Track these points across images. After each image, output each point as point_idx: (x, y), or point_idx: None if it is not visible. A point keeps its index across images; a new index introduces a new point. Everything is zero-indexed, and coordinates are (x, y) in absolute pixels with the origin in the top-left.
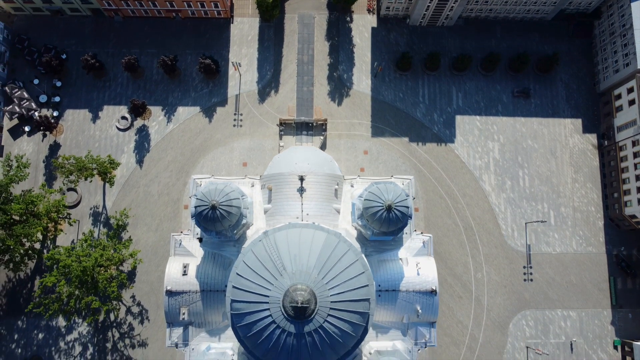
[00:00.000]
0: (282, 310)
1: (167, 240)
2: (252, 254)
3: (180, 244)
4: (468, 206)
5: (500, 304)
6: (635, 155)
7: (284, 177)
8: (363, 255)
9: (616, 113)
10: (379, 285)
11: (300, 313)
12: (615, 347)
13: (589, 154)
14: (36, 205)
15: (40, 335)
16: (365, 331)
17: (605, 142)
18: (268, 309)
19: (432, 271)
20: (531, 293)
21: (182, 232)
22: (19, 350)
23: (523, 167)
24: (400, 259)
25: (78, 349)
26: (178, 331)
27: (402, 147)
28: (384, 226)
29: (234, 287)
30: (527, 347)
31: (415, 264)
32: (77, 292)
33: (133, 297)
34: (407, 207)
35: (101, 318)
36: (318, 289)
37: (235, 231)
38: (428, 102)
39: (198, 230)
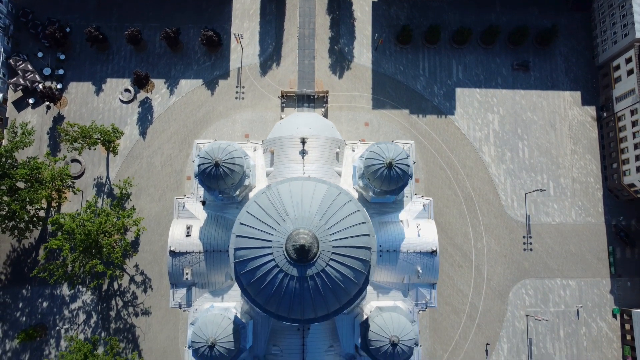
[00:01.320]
0: (285, 253)
1: (170, 210)
2: (255, 204)
3: (184, 207)
4: (468, 177)
5: (500, 273)
6: (633, 124)
7: (286, 141)
8: (364, 209)
9: (615, 84)
10: (380, 246)
11: (302, 256)
12: (614, 316)
13: (588, 126)
14: (41, 171)
15: (45, 304)
16: (367, 281)
17: (604, 114)
18: (271, 254)
19: (432, 233)
20: (531, 262)
21: (185, 196)
22: (24, 319)
23: (522, 139)
24: (401, 221)
25: (82, 317)
26: (181, 292)
27: (402, 119)
28: (385, 184)
29: (237, 236)
30: (526, 316)
31: (416, 226)
32: (81, 257)
33: (136, 266)
34: (408, 166)
35: (105, 286)
36: (320, 234)
37: (237, 191)
38: (428, 75)
39: (201, 193)
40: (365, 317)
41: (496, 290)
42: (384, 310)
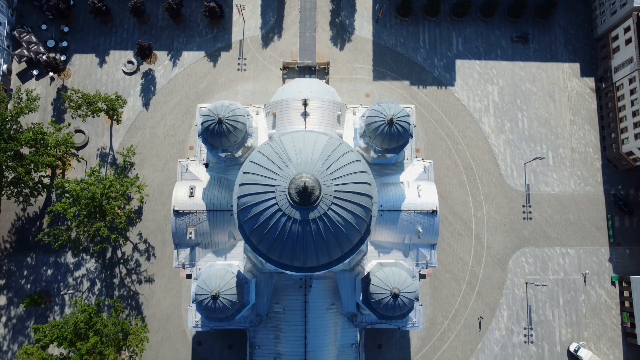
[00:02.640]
0: (288, 197)
1: (173, 180)
2: (258, 153)
3: (187, 169)
4: (468, 147)
5: (499, 242)
6: (632, 92)
7: (288, 103)
8: (364, 161)
9: (613, 55)
10: (381, 205)
11: (305, 199)
12: (613, 283)
13: (586, 97)
14: (46, 137)
15: (49, 272)
16: (368, 231)
17: (603, 84)
18: (274, 198)
19: (432, 194)
20: (530, 231)
21: (188, 159)
22: (28, 286)
23: (522, 110)
24: (402, 182)
25: (86, 284)
26: (185, 252)
27: (403, 90)
28: (386, 142)
29: (240, 185)
30: (526, 283)
31: (417, 187)
32: (85, 221)
33: (140, 234)
34: (408, 124)
35: (109, 254)
36: (322, 178)
37: (240, 151)
38: (428, 47)
39: (204, 156)
40: (366, 273)
41: (496, 258)
42: (385, 265)
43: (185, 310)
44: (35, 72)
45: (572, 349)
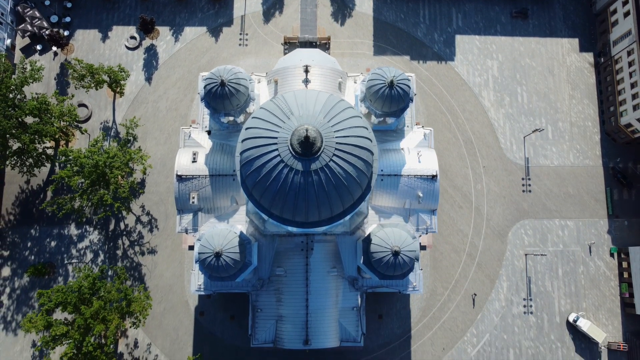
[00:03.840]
0: (290, 148)
1: (175, 153)
2: (261, 109)
3: (190, 136)
4: (468, 121)
5: (499, 214)
6: (630, 64)
7: (289, 71)
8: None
9: (612, 28)
10: (382, 170)
11: (307, 149)
12: (612, 255)
13: (585, 72)
14: (50, 108)
15: (53, 243)
16: (369, 187)
17: (602, 59)
18: (276, 149)
19: (432, 159)
20: (529, 203)
21: (191, 126)
22: (32, 257)
23: (521, 84)
24: (402, 148)
25: (89, 255)
26: (188, 217)
27: (403, 65)
28: (387, 104)
29: (243, 140)
30: (525, 255)
31: (417, 153)
32: (89, 190)
33: (142, 207)
34: (409, 87)
35: (112, 226)
36: (324, 130)
37: (242, 116)
38: (429, 23)
39: (207, 123)
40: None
41: (496, 230)
42: (386, 226)
43: (187, 281)
44: (38, 47)
45: (571, 320)
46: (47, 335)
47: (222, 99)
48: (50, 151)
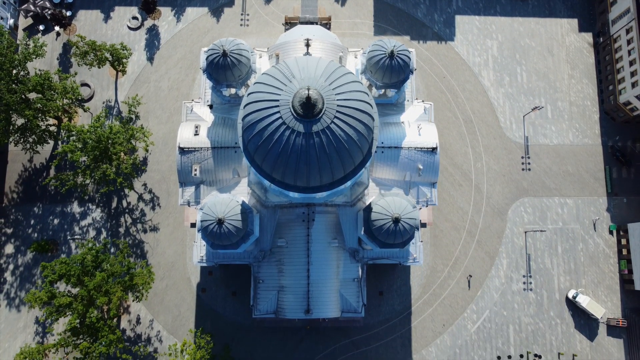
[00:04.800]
0: (292, 110)
1: (177, 132)
2: (263, 74)
3: (192, 110)
4: (468, 100)
5: (499, 192)
6: (628, 42)
7: (290, 45)
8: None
9: (610, 8)
10: (382, 143)
11: (308, 110)
12: (611, 232)
13: (585, 52)
14: (53, 84)
15: (56, 221)
16: (370, 153)
17: (601, 39)
18: (278, 112)
19: (433, 133)
20: (529, 182)
21: (193, 100)
22: (35, 235)
23: (521, 64)
24: (402, 122)
25: (92, 233)
26: (190, 190)
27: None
28: (387, 75)
29: (245, 105)
30: (525, 232)
31: (417, 126)
32: (92, 165)
33: (145, 185)
34: (409, 57)
35: (114, 204)
36: (325, 92)
37: (243, 88)
38: (429, 3)
39: (208, 97)
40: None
41: (495, 208)
42: (387, 195)
43: (189, 258)
44: (41, 28)
45: (570, 296)
46: (51, 307)
47: (224, 69)
48: (53, 129)
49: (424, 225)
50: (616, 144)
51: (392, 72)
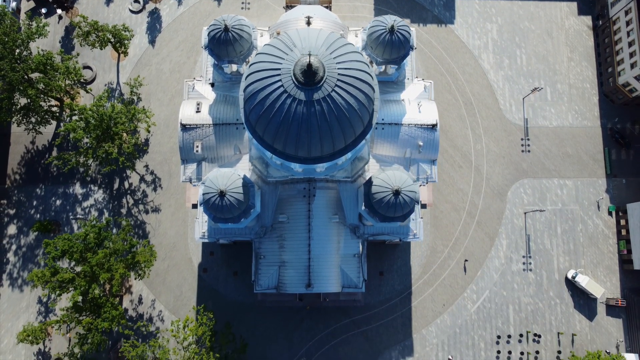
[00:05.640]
0: (293, 77)
1: (178, 114)
2: (265, 45)
3: (194, 88)
4: (467, 83)
5: (499, 173)
6: (627, 23)
7: (291, 23)
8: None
9: None
10: (382, 119)
11: (309, 78)
12: (610, 213)
13: (584, 35)
14: (55, 65)
15: (58, 202)
16: (370, 125)
17: (600, 21)
18: (279, 80)
19: (432, 110)
20: (529, 163)
21: (194, 79)
22: (37, 216)
23: (520, 47)
24: (403, 99)
25: (94, 214)
26: (192, 167)
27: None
28: (387, 51)
29: (247, 76)
30: (525, 213)
31: (417, 104)
32: (94, 144)
33: (146, 166)
34: (409, 33)
35: (116, 185)
36: (326, 60)
37: (244, 65)
38: None
39: (210, 76)
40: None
41: (495, 189)
42: (387, 169)
43: (191, 239)
44: (43, 11)
45: (569, 276)
46: (54, 282)
47: (226, 44)
48: (55, 109)
49: (424, 206)
50: (615, 126)
51: (392, 48)
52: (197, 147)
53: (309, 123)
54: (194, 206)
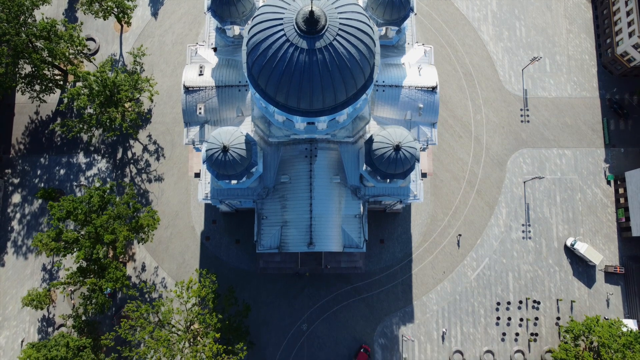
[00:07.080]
0: (295, 26)
1: (180, 85)
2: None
3: (196, 53)
4: (467, 54)
5: (498, 143)
6: None
7: None
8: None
9: None
10: (383, 82)
11: (311, 26)
12: (609, 182)
13: (582, 7)
14: (59, 32)
15: (62, 171)
16: (371, 78)
17: None
18: (282, 29)
19: (432, 73)
20: (528, 133)
21: (197, 43)
22: (42, 185)
23: (519, 19)
24: (403, 63)
25: (97, 184)
26: (195, 129)
27: None
28: (388, 11)
29: (250, 29)
30: (524, 182)
31: (417, 67)
32: (98, 110)
33: (149, 136)
34: None
35: (119, 155)
36: (328, 10)
37: (247, 26)
38: None
39: (212, 41)
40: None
41: (495, 158)
42: (388, 127)
43: (194, 207)
44: None
45: (568, 244)
46: (59, 244)
47: (228, 5)
48: (59, 78)
49: (424, 175)
50: (614, 96)
51: (392, 8)
52: (200, 109)
53: (311, 72)
54: (197, 175)
